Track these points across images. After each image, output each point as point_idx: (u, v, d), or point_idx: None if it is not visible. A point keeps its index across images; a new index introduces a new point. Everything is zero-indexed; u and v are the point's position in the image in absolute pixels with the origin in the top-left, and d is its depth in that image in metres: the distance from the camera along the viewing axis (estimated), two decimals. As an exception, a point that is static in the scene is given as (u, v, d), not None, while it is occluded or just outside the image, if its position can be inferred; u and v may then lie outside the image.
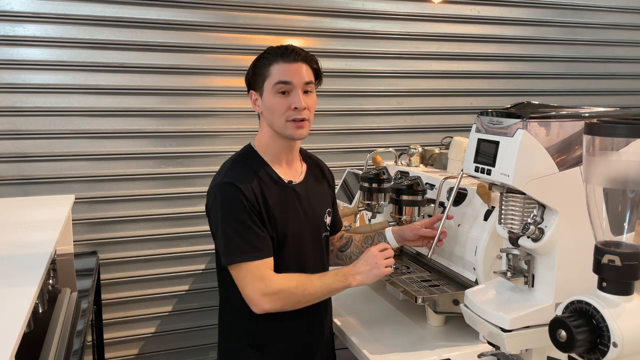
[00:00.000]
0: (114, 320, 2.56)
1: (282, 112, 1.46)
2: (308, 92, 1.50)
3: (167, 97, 2.53)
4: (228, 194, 1.43)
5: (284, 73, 1.46)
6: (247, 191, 1.43)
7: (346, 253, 1.76)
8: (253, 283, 1.40)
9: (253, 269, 1.41)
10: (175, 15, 2.49)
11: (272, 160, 1.54)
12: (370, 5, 2.81)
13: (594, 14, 3.27)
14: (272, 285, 1.40)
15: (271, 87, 1.47)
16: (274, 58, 1.47)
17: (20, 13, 2.29)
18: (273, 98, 1.47)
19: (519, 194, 1.10)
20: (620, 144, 0.84)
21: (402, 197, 1.83)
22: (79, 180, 2.44)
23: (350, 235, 1.78)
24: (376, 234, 1.73)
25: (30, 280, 1.33)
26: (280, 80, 1.46)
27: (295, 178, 1.58)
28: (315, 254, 1.59)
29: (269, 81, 1.47)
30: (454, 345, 1.62)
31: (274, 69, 1.47)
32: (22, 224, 1.89)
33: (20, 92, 2.33)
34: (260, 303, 1.40)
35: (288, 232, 1.50)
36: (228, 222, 1.43)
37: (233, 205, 1.43)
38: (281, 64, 1.47)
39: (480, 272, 1.58)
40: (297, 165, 1.61)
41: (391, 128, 2.95)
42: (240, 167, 1.51)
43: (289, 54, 1.47)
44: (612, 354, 0.82)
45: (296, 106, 1.46)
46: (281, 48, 1.49)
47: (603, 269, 0.85)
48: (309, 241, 1.57)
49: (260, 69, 1.49)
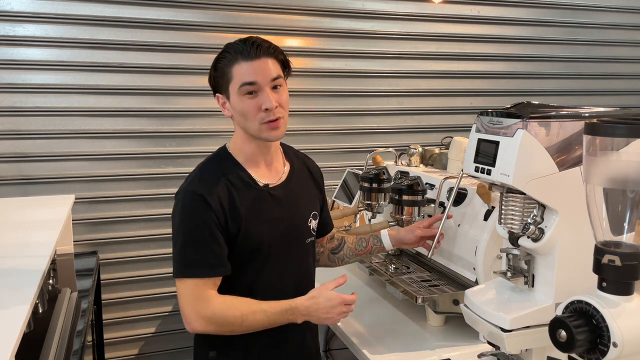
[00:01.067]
0: (114, 320, 2.56)
1: (253, 115, 1.35)
2: (277, 88, 1.37)
3: (167, 97, 2.53)
4: (189, 203, 1.34)
5: (247, 73, 1.33)
6: (213, 201, 1.33)
7: (339, 256, 1.69)
8: (191, 301, 1.32)
9: (194, 286, 1.32)
10: (175, 15, 2.49)
11: (248, 162, 1.43)
12: (370, 5, 2.81)
13: (593, 14, 3.27)
14: (207, 309, 1.31)
15: (237, 90, 1.35)
16: (233, 57, 1.34)
17: (20, 13, 2.29)
18: (241, 101, 1.35)
19: (519, 194, 1.10)
20: (620, 144, 0.84)
21: (402, 197, 1.82)
22: (79, 180, 2.44)
23: (342, 237, 1.71)
24: (371, 237, 1.68)
25: (30, 280, 1.33)
26: (244, 82, 1.33)
27: (275, 180, 1.46)
28: (297, 261, 1.49)
29: (233, 84, 1.35)
30: (454, 345, 1.62)
31: (236, 70, 1.34)
32: (22, 224, 1.89)
33: (20, 92, 2.33)
34: (192, 323, 1.32)
35: (264, 240, 1.40)
36: (183, 233, 1.34)
37: (192, 215, 1.34)
38: (242, 63, 1.33)
39: (480, 272, 1.58)
40: (278, 166, 1.50)
41: (391, 128, 2.95)
42: (210, 171, 1.41)
43: (249, 50, 1.34)
44: (612, 354, 0.82)
45: (267, 107, 1.34)
46: (240, 44, 1.36)
47: (603, 269, 0.85)
48: (290, 248, 1.46)
49: (221, 71, 1.37)
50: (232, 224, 1.36)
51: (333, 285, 1.40)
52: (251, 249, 1.39)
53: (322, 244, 1.69)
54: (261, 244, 1.40)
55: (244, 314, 1.32)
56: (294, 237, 1.47)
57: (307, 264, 1.53)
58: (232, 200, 1.36)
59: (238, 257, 1.38)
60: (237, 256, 1.38)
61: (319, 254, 1.67)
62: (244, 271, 1.40)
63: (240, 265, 1.39)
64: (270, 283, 1.43)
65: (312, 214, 1.53)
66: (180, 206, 1.36)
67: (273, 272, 1.43)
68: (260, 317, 1.33)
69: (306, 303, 1.37)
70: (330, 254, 1.69)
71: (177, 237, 1.36)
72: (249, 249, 1.39)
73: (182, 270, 1.33)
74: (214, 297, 1.33)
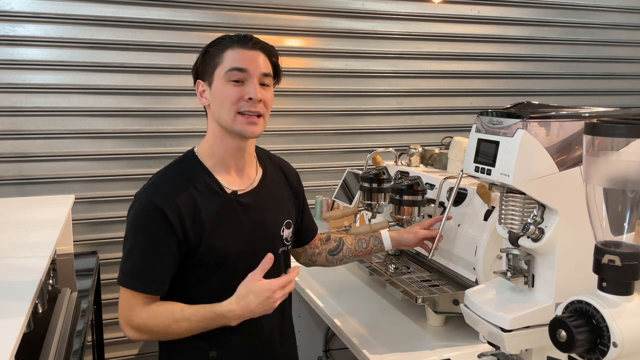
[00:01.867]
0: (114, 320, 2.55)
1: (232, 102, 1.26)
2: (265, 86, 1.30)
3: (167, 97, 2.53)
4: (142, 212, 1.27)
5: (239, 59, 1.27)
6: (171, 212, 1.25)
7: (338, 257, 1.66)
8: (124, 310, 1.29)
9: (130, 297, 1.28)
10: (175, 15, 2.49)
11: (216, 166, 1.34)
12: (370, 5, 2.81)
13: (594, 14, 3.27)
14: (135, 320, 1.27)
15: (223, 74, 1.27)
16: (229, 43, 1.29)
17: (20, 13, 2.29)
18: (224, 87, 1.27)
19: (519, 194, 1.10)
20: (620, 144, 0.84)
21: (402, 197, 1.82)
22: (79, 180, 2.44)
23: (340, 237, 1.67)
24: (371, 237, 1.67)
25: (30, 280, 1.33)
26: (234, 67, 1.26)
27: (245, 186, 1.37)
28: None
29: (221, 68, 1.27)
30: (454, 345, 1.61)
31: (228, 55, 1.27)
32: (22, 224, 1.89)
33: (20, 92, 2.33)
34: (125, 330, 1.30)
35: (229, 252, 1.31)
36: (130, 241, 1.29)
37: (142, 226, 1.27)
38: (237, 49, 1.27)
39: (480, 272, 1.58)
40: (250, 171, 1.40)
41: (391, 128, 2.95)
42: (174, 177, 1.32)
43: (247, 40, 1.29)
44: (612, 354, 0.82)
45: (251, 96, 1.26)
46: (239, 35, 1.31)
47: (603, 269, 0.85)
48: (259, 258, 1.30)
49: (211, 55, 1.30)
50: (193, 235, 1.28)
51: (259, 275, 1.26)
52: (216, 260, 1.31)
53: (316, 245, 1.65)
54: (226, 254, 1.31)
55: (166, 324, 1.26)
56: (263, 247, 1.35)
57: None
58: (195, 209, 1.28)
59: (202, 267, 1.31)
60: (201, 266, 1.31)
61: (316, 256, 1.65)
62: (209, 282, 1.33)
63: (205, 275, 1.32)
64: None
65: (285, 223, 1.44)
66: (133, 212, 1.29)
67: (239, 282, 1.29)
68: (184, 325, 1.26)
69: (236, 308, 1.24)
70: (328, 255, 1.66)
71: (125, 242, 1.30)
72: (213, 260, 1.31)
73: (122, 278, 1.29)
74: (142, 309, 1.28)
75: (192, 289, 1.33)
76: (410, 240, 1.65)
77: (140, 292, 1.27)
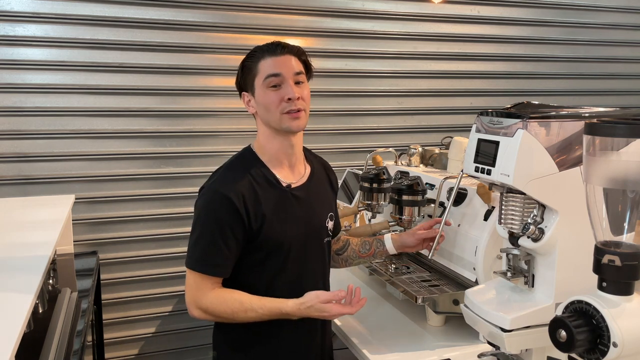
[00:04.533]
0: (114, 320, 2.56)
1: (276, 105, 1.41)
2: (300, 83, 1.45)
3: (167, 97, 2.53)
4: (210, 201, 1.41)
5: (272, 66, 1.42)
6: (237, 200, 1.38)
7: (343, 257, 1.73)
8: (192, 290, 1.43)
9: (199, 279, 1.42)
10: (175, 15, 2.49)
11: (272, 162, 1.48)
12: (370, 5, 2.81)
13: (594, 14, 3.27)
14: (204, 301, 1.41)
15: (261, 83, 1.43)
16: (260, 55, 1.45)
17: (20, 13, 2.29)
18: (265, 94, 1.43)
19: (519, 194, 1.10)
20: (620, 144, 0.84)
21: (402, 197, 1.82)
22: (79, 180, 2.44)
23: (347, 239, 1.75)
24: (375, 240, 1.70)
25: (31, 280, 1.33)
26: (269, 74, 1.42)
27: (297, 181, 1.51)
28: (315, 260, 1.54)
29: (259, 78, 1.43)
30: (454, 345, 1.62)
31: (262, 65, 1.43)
32: (22, 224, 1.89)
33: (20, 92, 2.33)
34: (190, 310, 1.44)
35: (285, 240, 1.45)
36: (199, 228, 1.42)
37: (210, 214, 1.40)
38: (268, 58, 1.43)
39: (480, 272, 1.58)
40: (300, 167, 1.55)
41: (391, 128, 2.95)
42: (236, 170, 1.46)
43: (275, 48, 1.45)
44: (612, 354, 0.82)
45: (289, 97, 1.41)
46: (267, 44, 1.47)
47: (603, 269, 0.86)
48: (310, 247, 1.51)
49: (248, 68, 1.46)
50: (254, 222, 1.40)
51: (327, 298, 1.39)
52: (272, 247, 1.44)
53: None
54: (282, 243, 1.45)
55: (235, 312, 1.40)
56: (313, 237, 1.52)
57: (324, 263, 1.58)
58: (257, 200, 1.41)
59: (258, 254, 1.44)
60: (258, 253, 1.44)
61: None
62: (263, 269, 1.46)
63: (260, 262, 1.45)
64: (289, 281, 1.48)
65: (329, 215, 1.59)
66: (202, 202, 1.43)
67: (292, 270, 1.48)
68: (251, 314, 1.40)
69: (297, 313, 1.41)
70: (334, 255, 1.72)
71: (194, 229, 1.44)
72: (269, 247, 1.44)
73: (190, 262, 1.43)
74: (210, 291, 1.42)
75: (249, 273, 1.46)
76: (411, 242, 1.67)
77: (208, 275, 1.41)
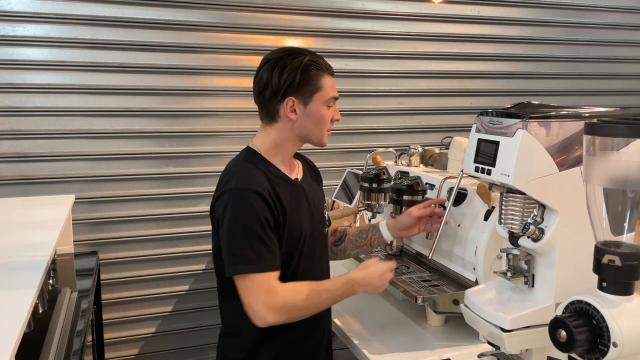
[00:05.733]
0: (114, 320, 2.56)
1: (327, 123, 1.50)
2: None
3: (167, 97, 2.53)
4: (242, 200, 1.38)
5: (333, 89, 1.50)
6: (267, 194, 1.39)
7: (340, 247, 1.76)
8: (258, 295, 1.35)
9: (260, 280, 1.35)
10: (175, 15, 2.49)
11: (277, 160, 1.51)
12: (370, 5, 2.81)
13: (594, 14, 3.27)
14: (277, 299, 1.36)
15: (324, 101, 1.48)
16: (323, 70, 1.48)
17: (20, 13, 2.29)
18: (322, 110, 1.48)
19: (519, 194, 1.10)
20: (620, 144, 0.84)
21: (402, 197, 1.82)
22: (79, 180, 2.44)
23: (344, 229, 1.78)
24: (370, 228, 1.73)
25: (31, 280, 1.33)
26: (334, 96, 1.50)
27: (296, 175, 1.56)
28: (322, 251, 1.59)
29: (322, 94, 1.47)
30: (454, 345, 1.62)
31: (325, 82, 1.48)
32: (22, 224, 1.89)
33: (20, 92, 2.33)
34: (264, 316, 1.35)
35: (303, 231, 1.48)
36: (237, 230, 1.37)
37: (245, 212, 1.37)
38: (327, 78, 1.49)
39: (480, 272, 1.58)
40: (294, 164, 1.59)
41: (391, 128, 2.95)
42: (250, 169, 1.45)
43: (329, 67, 1.51)
44: (612, 354, 0.82)
45: (338, 118, 1.53)
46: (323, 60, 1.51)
47: (603, 269, 0.85)
48: (317, 238, 1.55)
49: (312, 78, 1.46)
50: (281, 215, 1.43)
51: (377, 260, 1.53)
52: (294, 239, 1.47)
53: None
54: (300, 234, 1.48)
55: (310, 297, 1.39)
56: (319, 227, 1.57)
57: (327, 252, 1.64)
58: (277, 194, 1.43)
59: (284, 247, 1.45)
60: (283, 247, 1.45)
61: None
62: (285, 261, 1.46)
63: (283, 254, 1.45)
64: (305, 272, 1.50)
65: (325, 206, 1.65)
66: (233, 204, 1.38)
67: (307, 261, 1.51)
68: (325, 296, 1.43)
69: (361, 274, 1.47)
70: (332, 247, 1.76)
71: (232, 235, 1.37)
72: (292, 239, 1.46)
73: (245, 266, 1.36)
74: (279, 287, 1.38)
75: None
76: (407, 221, 1.69)
77: (272, 271, 1.38)
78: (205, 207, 2.62)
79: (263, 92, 1.47)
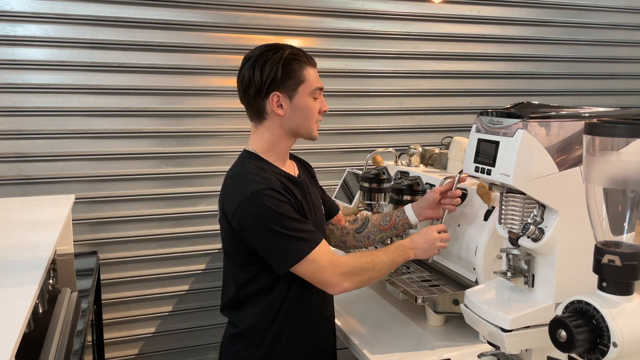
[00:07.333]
0: (114, 320, 2.56)
1: (314, 115, 1.50)
2: None
3: (167, 97, 2.53)
4: (267, 198, 1.37)
5: (317, 79, 1.50)
6: (284, 190, 1.42)
7: (364, 234, 1.74)
8: (328, 267, 1.40)
9: (322, 255, 1.40)
10: (175, 15, 2.49)
11: (277, 160, 1.52)
12: (370, 5, 2.81)
13: (594, 14, 3.27)
14: (344, 266, 1.43)
15: (309, 92, 1.48)
16: (305, 62, 1.48)
17: (20, 13, 2.29)
18: (308, 102, 1.48)
19: (519, 194, 1.10)
20: (620, 144, 0.84)
21: (402, 197, 1.82)
22: (79, 180, 2.44)
23: (366, 216, 1.77)
24: (395, 210, 1.73)
25: (31, 280, 1.33)
26: (318, 87, 1.49)
27: (295, 173, 1.58)
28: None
29: (306, 86, 1.47)
30: (454, 345, 1.62)
31: (308, 74, 1.47)
32: (22, 224, 1.89)
33: (20, 92, 2.33)
34: (341, 284, 1.42)
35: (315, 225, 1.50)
36: (277, 227, 1.37)
37: (280, 206, 1.38)
38: (309, 69, 1.48)
39: (480, 272, 1.58)
40: (289, 162, 1.61)
41: (391, 128, 2.95)
42: (259, 171, 1.45)
43: (312, 59, 1.51)
44: (612, 354, 0.82)
45: (326, 109, 1.53)
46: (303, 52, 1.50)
47: (603, 269, 0.85)
48: (322, 230, 1.59)
49: (295, 71, 1.45)
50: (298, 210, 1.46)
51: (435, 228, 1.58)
52: None
53: (344, 226, 1.77)
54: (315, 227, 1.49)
55: (372, 259, 1.47)
56: (322, 220, 1.62)
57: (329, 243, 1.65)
58: (290, 191, 1.46)
59: None
60: None
61: (344, 236, 1.76)
62: None
63: None
64: None
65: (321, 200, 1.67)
66: (260, 204, 1.37)
67: None
68: (384, 258, 1.48)
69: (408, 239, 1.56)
70: (355, 234, 1.75)
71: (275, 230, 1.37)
72: None
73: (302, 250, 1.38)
74: (338, 256, 1.44)
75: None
76: (431, 196, 1.67)
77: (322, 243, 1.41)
78: (205, 207, 2.62)
79: (247, 91, 1.47)
